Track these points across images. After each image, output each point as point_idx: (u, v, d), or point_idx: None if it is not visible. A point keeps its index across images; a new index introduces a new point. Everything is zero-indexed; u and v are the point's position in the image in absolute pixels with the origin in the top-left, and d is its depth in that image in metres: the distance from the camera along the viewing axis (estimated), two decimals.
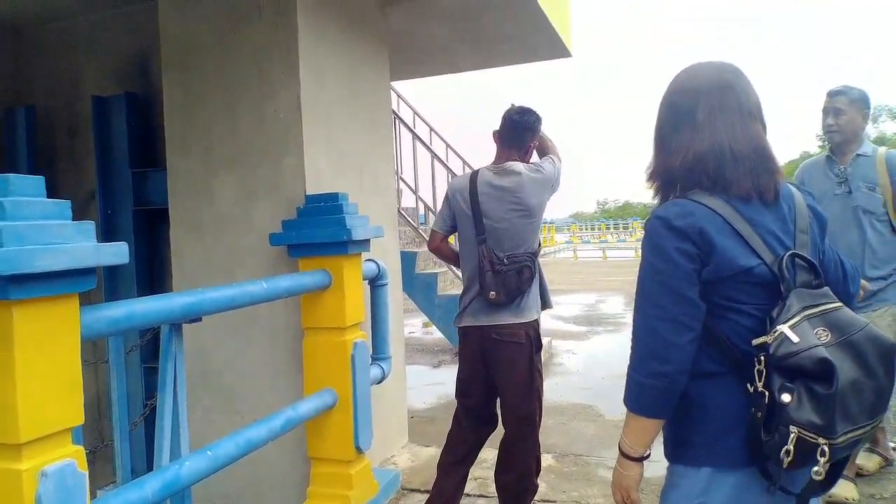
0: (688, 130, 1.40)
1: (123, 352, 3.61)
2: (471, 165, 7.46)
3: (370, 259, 3.25)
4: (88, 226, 1.48)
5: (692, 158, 1.37)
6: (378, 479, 3.14)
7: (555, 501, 3.13)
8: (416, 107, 7.31)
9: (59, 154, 4.30)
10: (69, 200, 1.47)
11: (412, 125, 7.00)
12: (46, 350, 1.43)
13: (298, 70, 3.06)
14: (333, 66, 3.39)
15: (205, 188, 3.22)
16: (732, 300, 1.31)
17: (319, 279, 2.82)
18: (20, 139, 4.12)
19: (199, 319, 2.23)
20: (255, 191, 3.15)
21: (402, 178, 6.80)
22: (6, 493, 1.38)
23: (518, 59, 6.02)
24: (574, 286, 12.91)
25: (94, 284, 1.53)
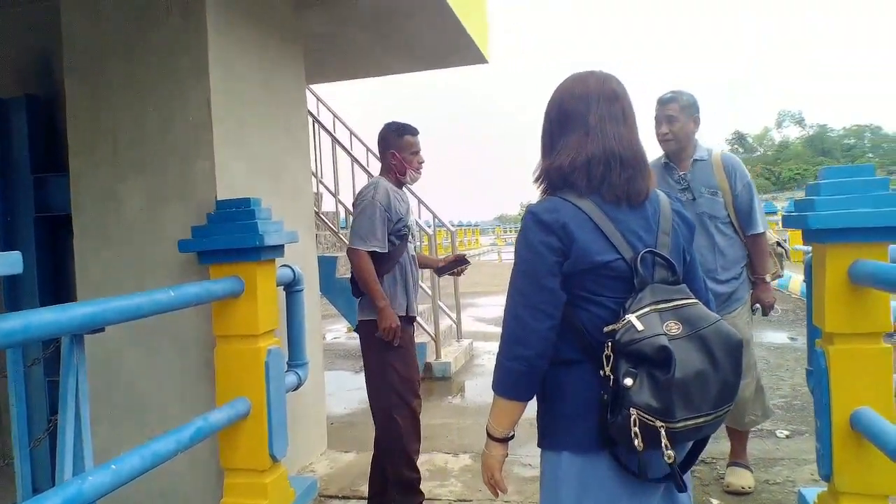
0: (578, 134, 1.49)
1: (23, 365, 3.45)
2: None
3: (285, 265, 3.23)
4: None
5: (583, 160, 1.46)
6: (294, 487, 3.12)
7: (470, 500, 3.19)
8: (343, 110, 7.26)
9: None
10: None
11: (332, 129, 6.96)
12: None
13: (208, 71, 3.02)
14: (247, 68, 3.35)
15: (111, 194, 3.12)
16: (591, 292, 1.41)
17: (230, 286, 2.78)
18: None
19: (102, 330, 2.17)
20: (165, 196, 3.08)
21: (323, 182, 6.75)
22: None
23: (437, 65, 6.10)
24: (497, 288, 13.09)
25: None
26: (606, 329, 1.37)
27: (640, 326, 1.30)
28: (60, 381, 2.10)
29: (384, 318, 2.87)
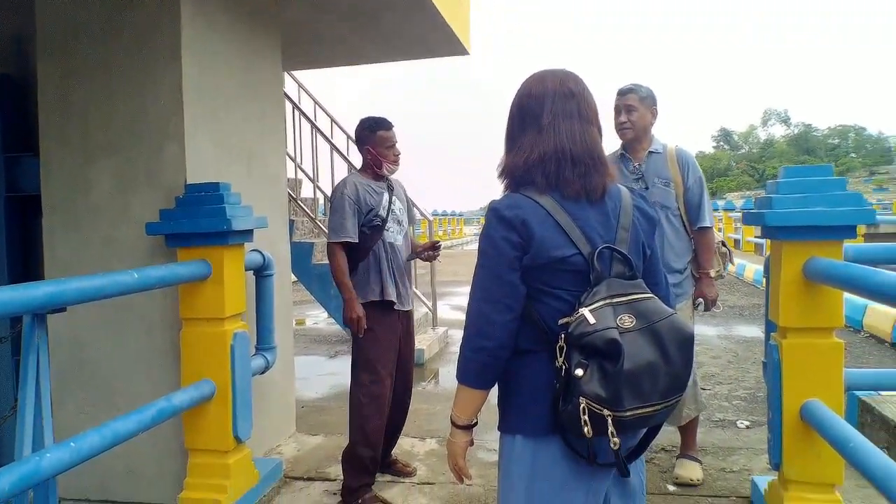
0: (533, 132, 1.53)
1: None
2: None
3: (255, 250, 3.25)
4: None
5: (536, 157, 1.50)
6: (259, 469, 3.16)
7: (434, 483, 3.25)
8: (334, 98, 7.28)
9: None
10: None
11: (313, 116, 6.95)
12: None
13: (181, 55, 3.01)
14: (222, 54, 3.36)
15: (81, 176, 3.12)
16: (549, 285, 1.45)
17: (197, 270, 2.80)
18: None
19: (64, 309, 2.19)
20: (134, 180, 3.08)
21: (302, 168, 6.75)
22: None
23: (417, 55, 6.11)
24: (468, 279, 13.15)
25: None
26: (561, 321, 1.41)
27: (593, 320, 1.35)
28: (21, 360, 2.13)
29: (348, 309, 3.03)
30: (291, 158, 6.58)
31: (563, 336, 1.38)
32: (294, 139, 6.59)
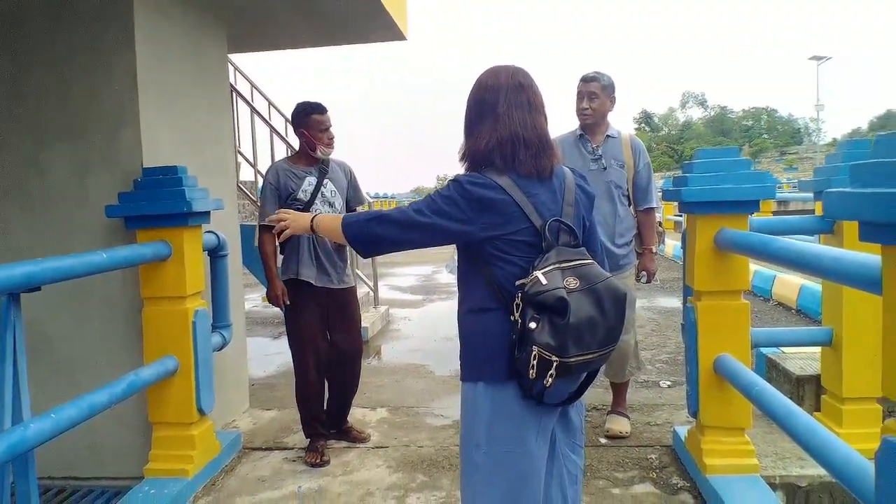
0: (491, 120, 1.76)
1: None
2: None
3: (210, 231, 3.37)
4: None
5: (495, 142, 1.74)
6: (220, 440, 3.31)
7: (387, 447, 3.47)
8: (266, 80, 7.29)
9: None
10: None
11: (251, 98, 6.97)
12: None
13: (134, 41, 3.08)
14: (172, 39, 3.43)
15: (34, 160, 3.16)
16: (506, 252, 1.69)
17: (159, 250, 2.92)
18: None
19: (39, 289, 2.29)
20: (89, 164, 3.14)
21: (241, 152, 6.77)
22: None
23: (356, 39, 6.20)
24: (411, 259, 13.39)
25: None
26: (518, 283, 1.65)
27: (545, 281, 1.60)
28: None
29: (269, 288, 3.42)
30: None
31: (520, 295, 1.62)
32: (233, 122, 6.60)
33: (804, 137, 79.59)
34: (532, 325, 1.57)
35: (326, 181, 3.40)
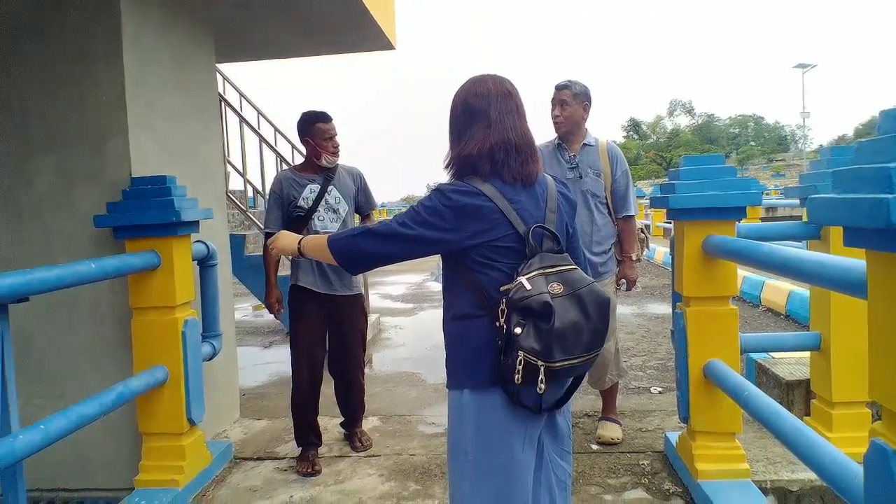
0: (482, 127, 1.76)
1: None
2: (299, 150, 7.55)
3: (199, 240, 3.36)
4: None
5: (488, 148, 1.74)
6: (211, 450, 3.29)
7: (379, 455, 3.46)
8: (256, 90, 7.28)
9: None
10: None
11: (240, 108, 6.97)
12: None
13: (123, 53, 3.07)
14: (159, 50, 3.42)
15: (21, 170, 3.14)
16: (490, 259, 1.69)
17: (148, 260, 2.91)
18: None
19: (27, 299, 2.28)
20: (77, 174, 3.13)
21: (230, 162, 6.76)
22: None
23: (344, 49, 6.22)
24: (403, 267, 13.37)
25: None
26: (502, 288, 1.66)
27: (529, 286, 1.60)
28: None
29: (266, 295, 3.50)
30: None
31: (505, 300, 1.63)
32: (222, 132, 6.60)
33: (791, 144, 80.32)
34: (517, 331, 1.58)
35: (331, 188, 3.44)
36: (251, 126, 6.65)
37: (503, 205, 1.69)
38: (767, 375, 3.94)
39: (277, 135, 7.33)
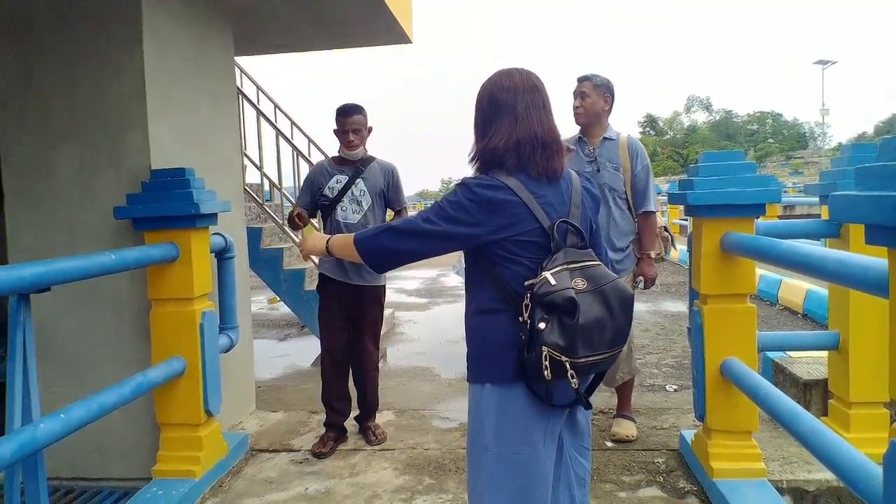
0: (509, 120, 1.75)
1: None
2: (315, 143, 7.58)
3: (217, 233, 3.38)
4: None
5: (514, 142, 1.73)
6: (228, 442, 3.32)
7: (394, 449, 3.48)
8: (273, 84, 7.31)
9: None
10: None
11: (256, 101, 7.00)
12: None
13: (143, 44, 3.10)
14: (178, 42, 3.44)
15: (42, 161, 3.18)
16: (514, 254, 1.69)
17: (167, 251, 2.93)
18: None
19: (48, 289, 2.31)
20: (97, 165, 3.16)
21: (247, 155, 6.80)
22: None
23: (361, 43, 6.23)
24: (417, 262, 13.40)
25: None
26: (526, 283, 1.65)
27: (554, 282, 1.60)
28: (9, 338, 2.23)
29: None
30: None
31: (529, 295, 1.62)
32: (240, 125, 6.63)
33: (809, 141, 79.40)
34: (541, 326, 1.57)
35: (358, 181, 3.52)
36: (268, 119, 6.68)
37: (528, 199, 1.68)
38: (784, 374, 3.91)
39: (293, 128, 7.34)
